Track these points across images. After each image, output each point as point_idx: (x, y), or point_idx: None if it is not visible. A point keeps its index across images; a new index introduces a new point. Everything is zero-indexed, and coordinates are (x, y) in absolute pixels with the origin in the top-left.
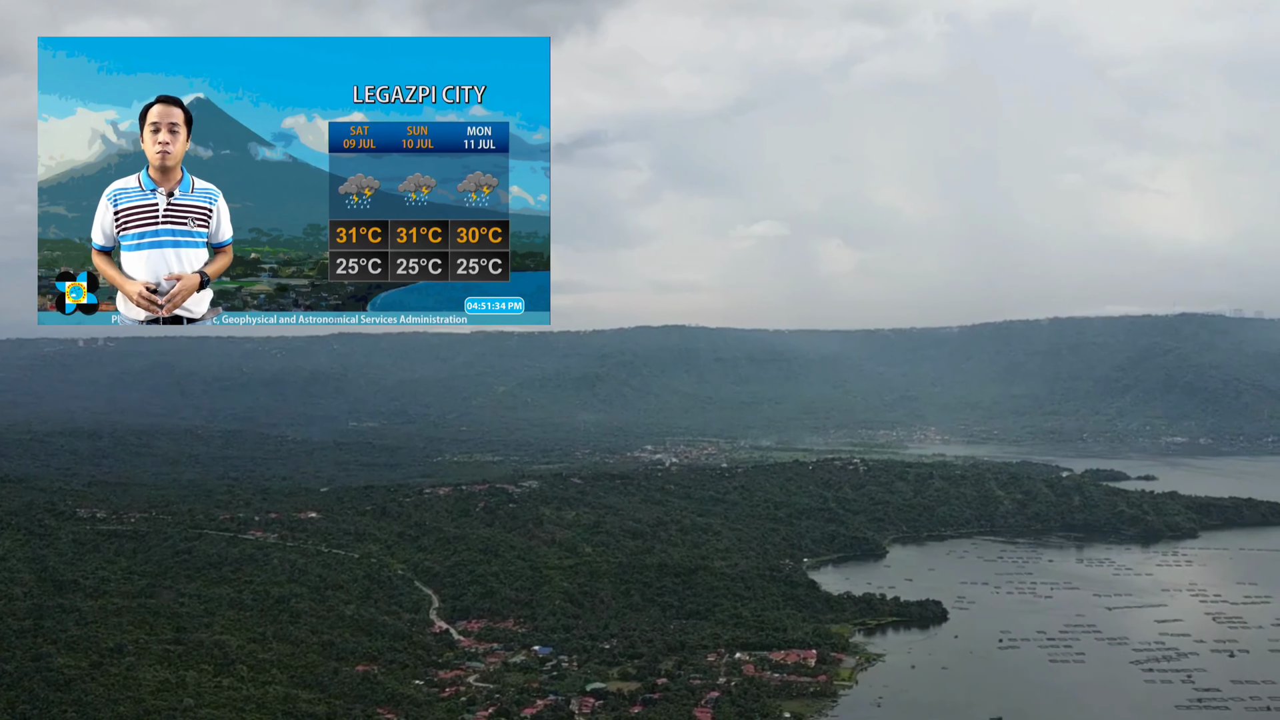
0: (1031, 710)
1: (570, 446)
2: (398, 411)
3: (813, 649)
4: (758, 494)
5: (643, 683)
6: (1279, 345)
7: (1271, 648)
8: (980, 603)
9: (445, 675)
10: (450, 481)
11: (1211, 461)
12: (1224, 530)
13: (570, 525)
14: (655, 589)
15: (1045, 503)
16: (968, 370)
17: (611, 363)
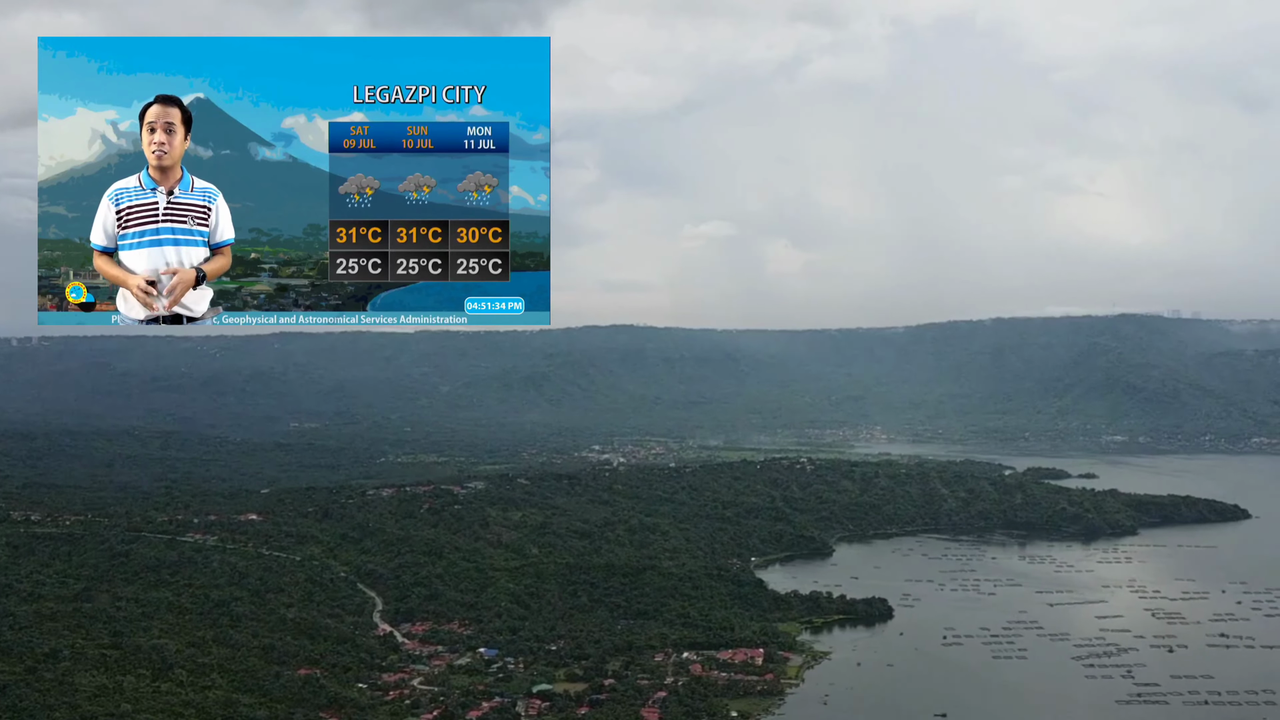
0: (975, 706)
1: (517, 447)
2: (340, 412)
3: (760, 648)
4: (705, 494)
5: (590, 683)
6: (1216, 346)
7: (1209, 643)
8: (925, 600)
9: (389, 678)
10: (394, 483)
11: (1150, 460)
12: (1163, 527)
13: (517, 526)
14: (602, 589)
15: (988, 501)
16: (912, 370)
17: (559, 362)
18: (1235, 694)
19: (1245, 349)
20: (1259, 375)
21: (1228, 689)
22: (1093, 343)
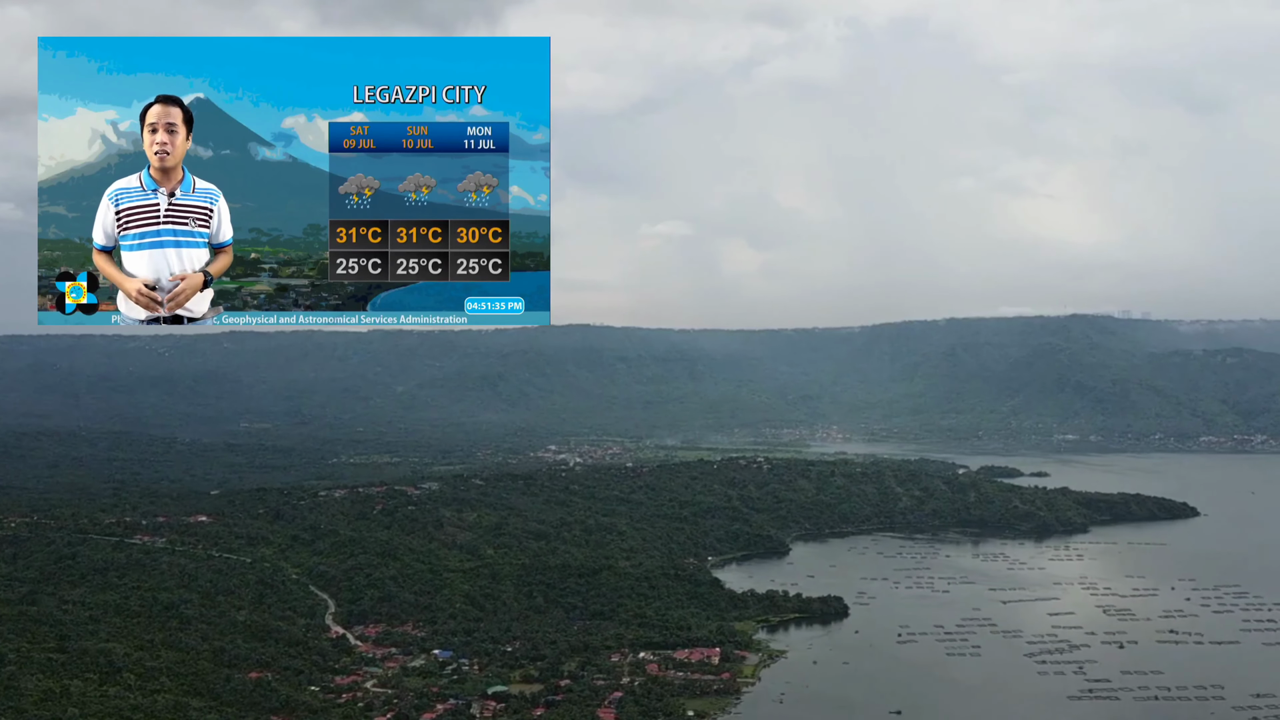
0: (930, 703)
1: (472, 447)
2: (291, 412)
3: (716, 647)
4: (663, 493)
5: (545, 684)
6: (1165, 346)
7: (1159, 639)
8: (880, 598)
9: (342, 681)
10: (347, 483)
11: (1101, 458)
12: (1113, 525)
13: (471, 527)
14: (558, 590)
15: (943, 499)
16: (868, 370)
17: (514, 362)
18: (1185, 689)
19: (1194, 349)
20: (1207, 375)
21: (1177, 684)
22: (1045, 343)
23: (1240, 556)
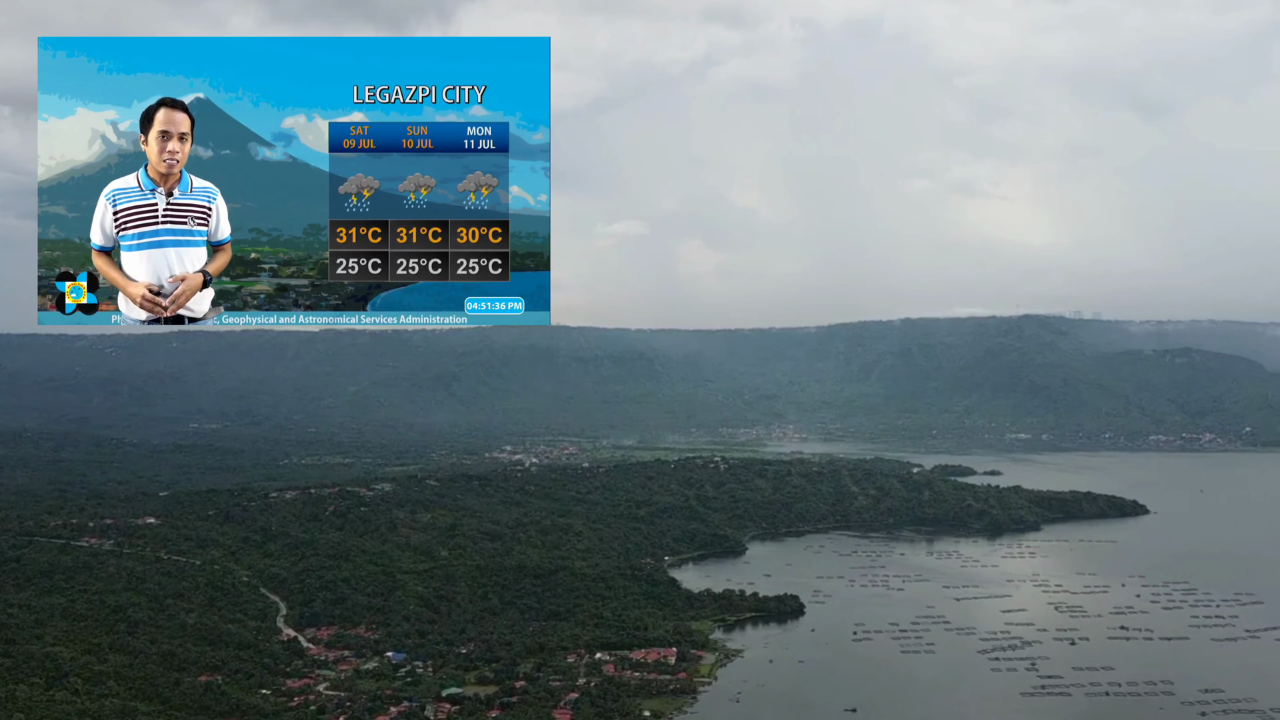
0: (884, 701)
1: (426, 448)
2: (242, 412)
3: (673, 647)
4: (619, 493)
5: (500, 686)
6: (1115, 346)
7: (1110, 635)
8: (836, 596)
9: (294, 684)
10: (298, 485)
11: (1052, 457)
12: (1065, 523)
13: (425, 528)
14: (514, 591)
15: (897, 498)
16: (824, 369)
17: (469, 362)
18: (1135, 685)
19: (1144, 349)
20: (1157, 374)
21: (1128, 680)
22: (997, 343)
23: (1189, 553)
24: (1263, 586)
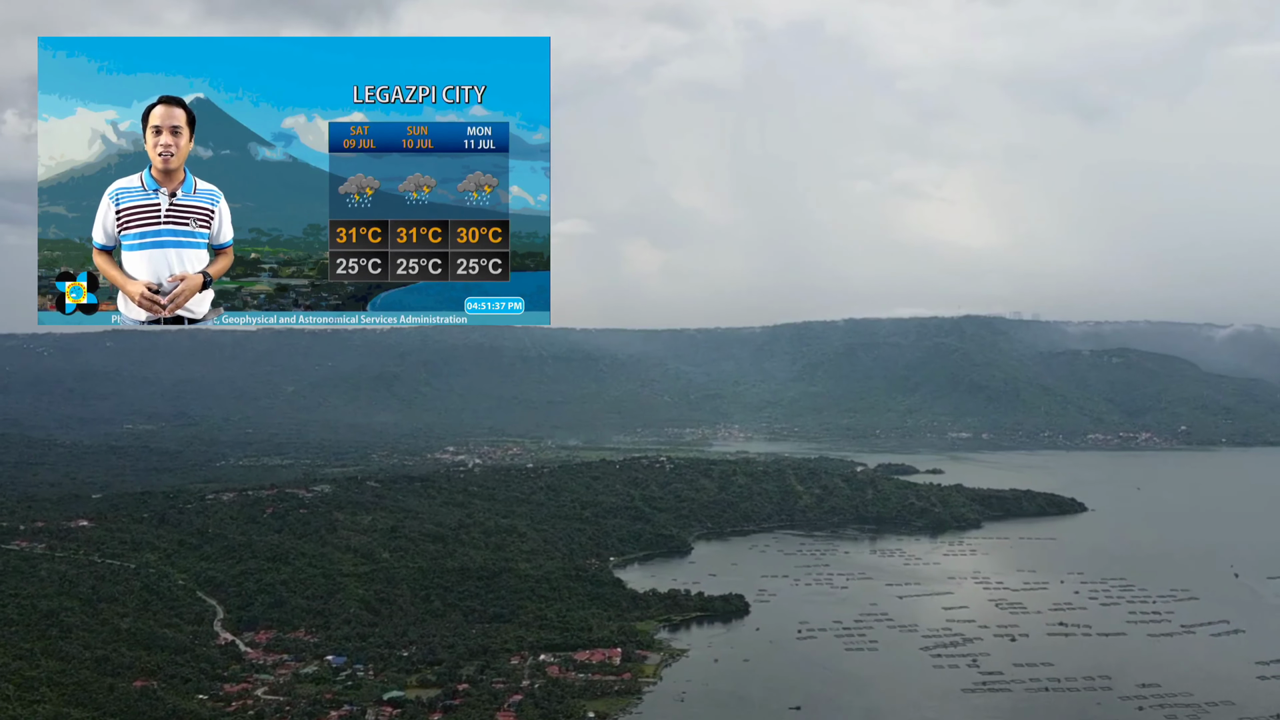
0: (829, 698)
1: (366, 449)
2: (178, 413)
3: (618, 647)
4: (564, 494)
5: (443, 689)
6: (1054, 346)
7: (1049, 632)
8: (781, 595)
9: (231, 689)
10: (236, 486)
11: (993, 455)
12: (1005, 520)
13: (366, 530)
14: (457, 593)
15: (842, 497)
16: (769, 369)
17: (411, 361)
18: (1074, 680)
19: (1081, 349)
20: (1094, 374)
21: (1066, 675)
22: (939, 343)
23: (1126, 550)
24: (1197, 583)
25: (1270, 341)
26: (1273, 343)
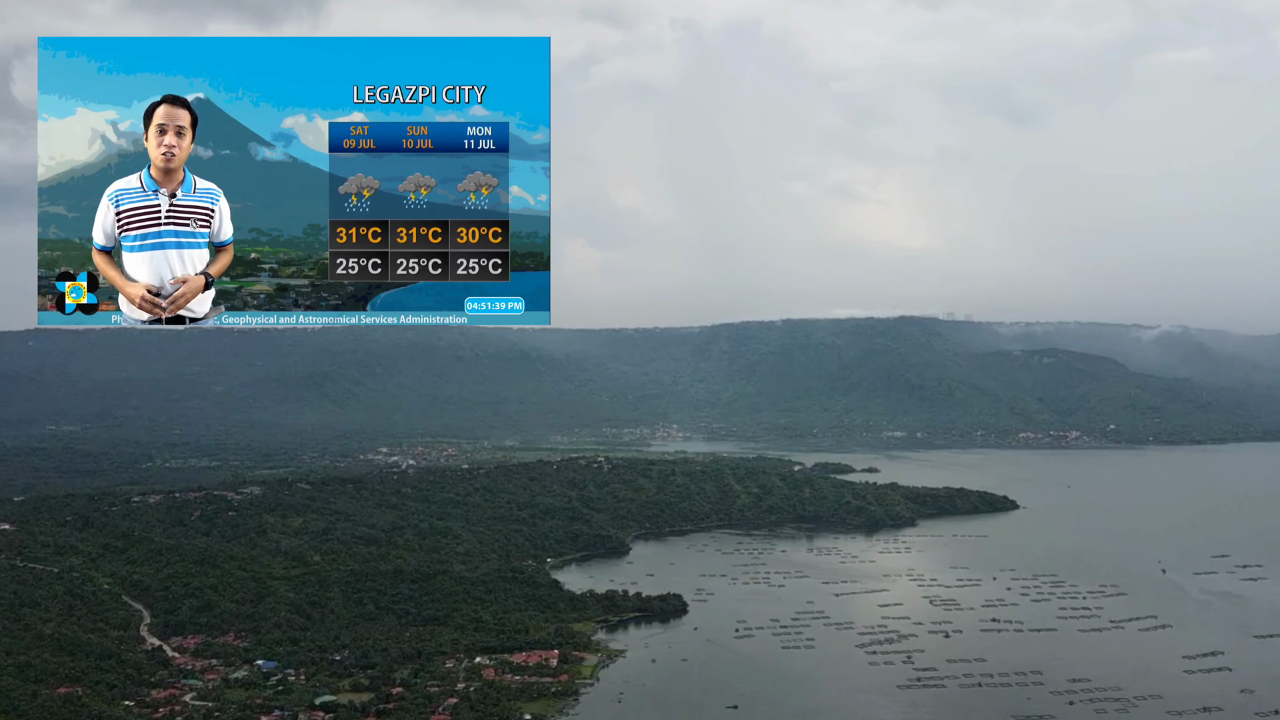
0: (766, 697)
1: (296, 450)
2: (102, 413)
3: (555, 649)
4: (500, 495)
5: (376, 693)
6: (987, 346)
7: (982, 628)
8: (719, 594)
9: (158, 695)
10: (162, 489)
11: (927, 454)
12: (939, 518)
13: (297, 533)
14: (390, 596)
15: (779, 495)
16: (707, 369)
17: (342, 361)
18: (1006, 675)
19: (1013, 349)
20: (1025, 374)
21: (999, 671)
22: (875, 343)
23: (1057, 547)
24: (1126, 578)
25: (1196, 342)
26: (1199, 344)
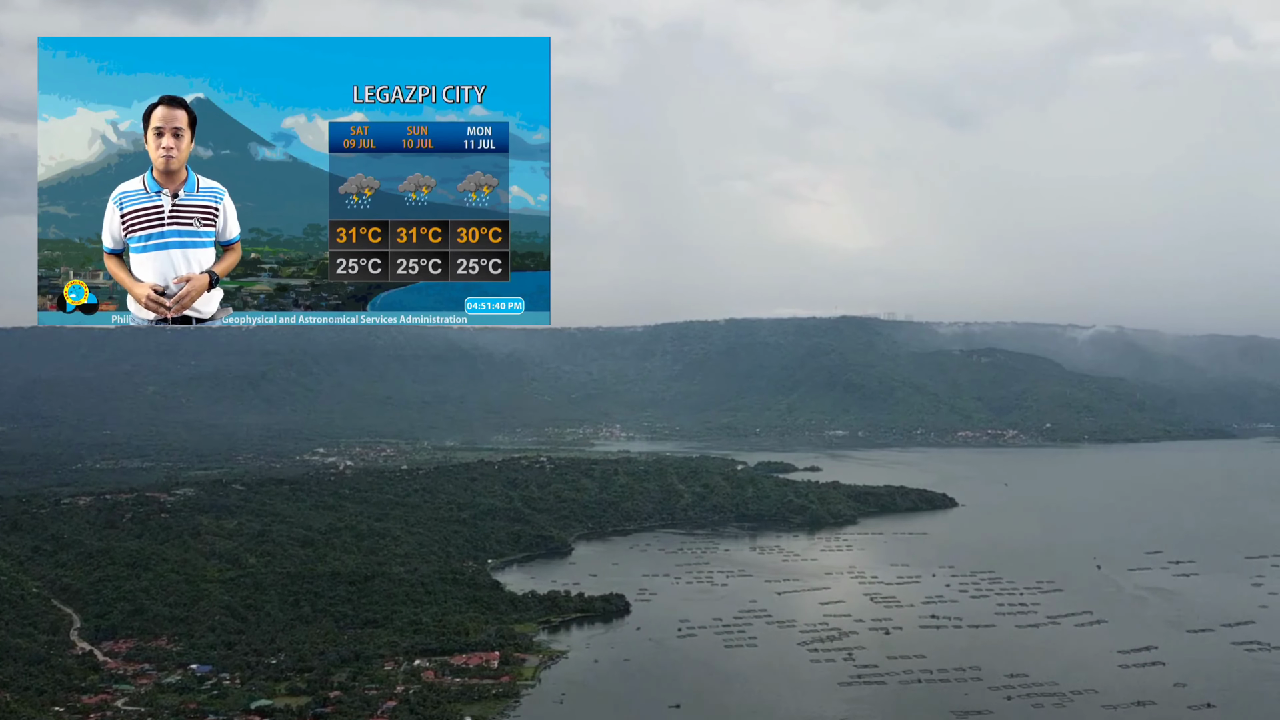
0: (708, 695)
1: (231, 451)
2: (30, 414)
3: (495, 650)
4: (440, 496)
5: (314, 696)
6: (927, 346)
7: (922, 624)
8: (662, 594)
9: (89, 700)
10: (93, 490)
11: (868, 453)
12: (880, 516)
13: (232, 535)
14: (328, 599)
15: (722, 495)
16: (650, 368)
17: (278, 360)
18: (945, 671)
19: (952, 349)
20: (964, 373)
21: (939, 667)
22: (817, 343)
23: (995, 544)
24: (1062, 575)
25: (1130, 342)
26: (1133, 343)
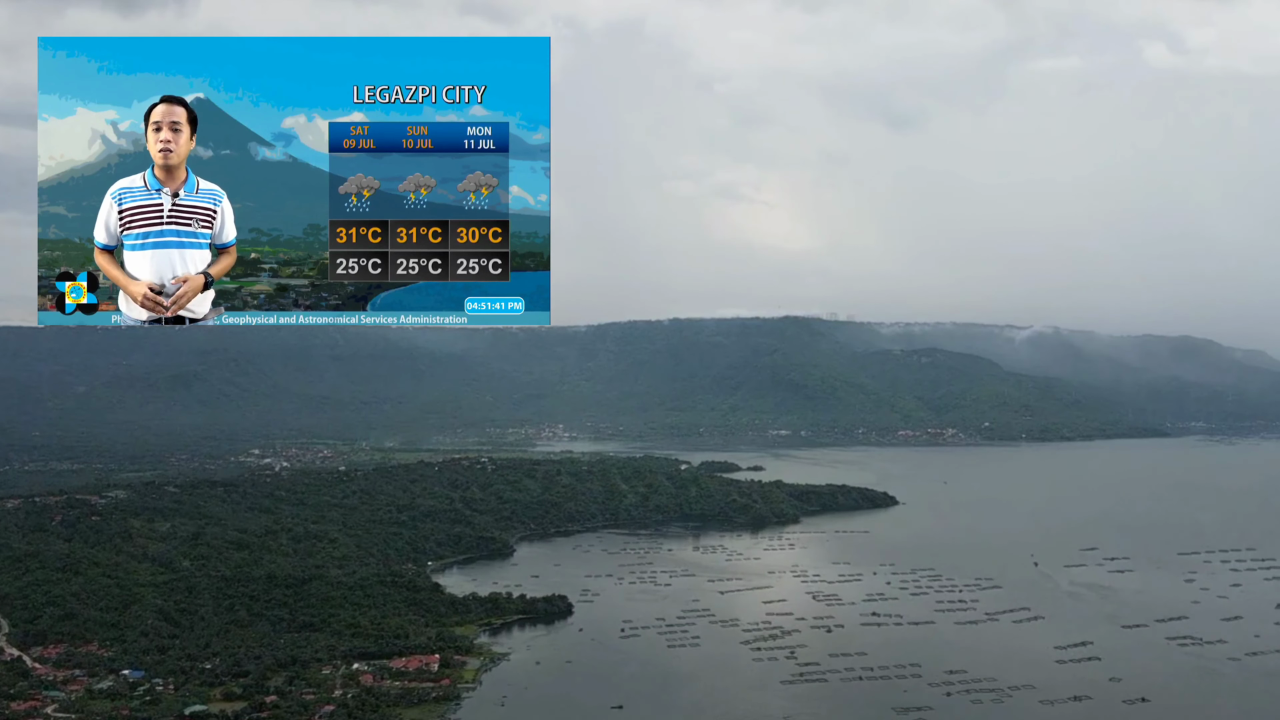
0: (651, 696)
1: (164, 452)
2: None
3: (435, 653)
4: (379, 497)
5: (249, 701)
6: (868, 346)
7: (863, 622)
8: (604, 594)
9: (18, 707)
10: (20, 493)
11: (811, 452)
12: (822, 515)
13: (165, 538)
14: (264, 602)
15: (666, 494)
16: (594, 368)
17: (212, 360)
18: (886, 669)
19: (893, 349)
20: (904, 373)
21: (879, 664)
22: (760, 342)
23: (934, 541)
24: (1000, 572)
25: (1067, 342)
26: (1069, 343)
